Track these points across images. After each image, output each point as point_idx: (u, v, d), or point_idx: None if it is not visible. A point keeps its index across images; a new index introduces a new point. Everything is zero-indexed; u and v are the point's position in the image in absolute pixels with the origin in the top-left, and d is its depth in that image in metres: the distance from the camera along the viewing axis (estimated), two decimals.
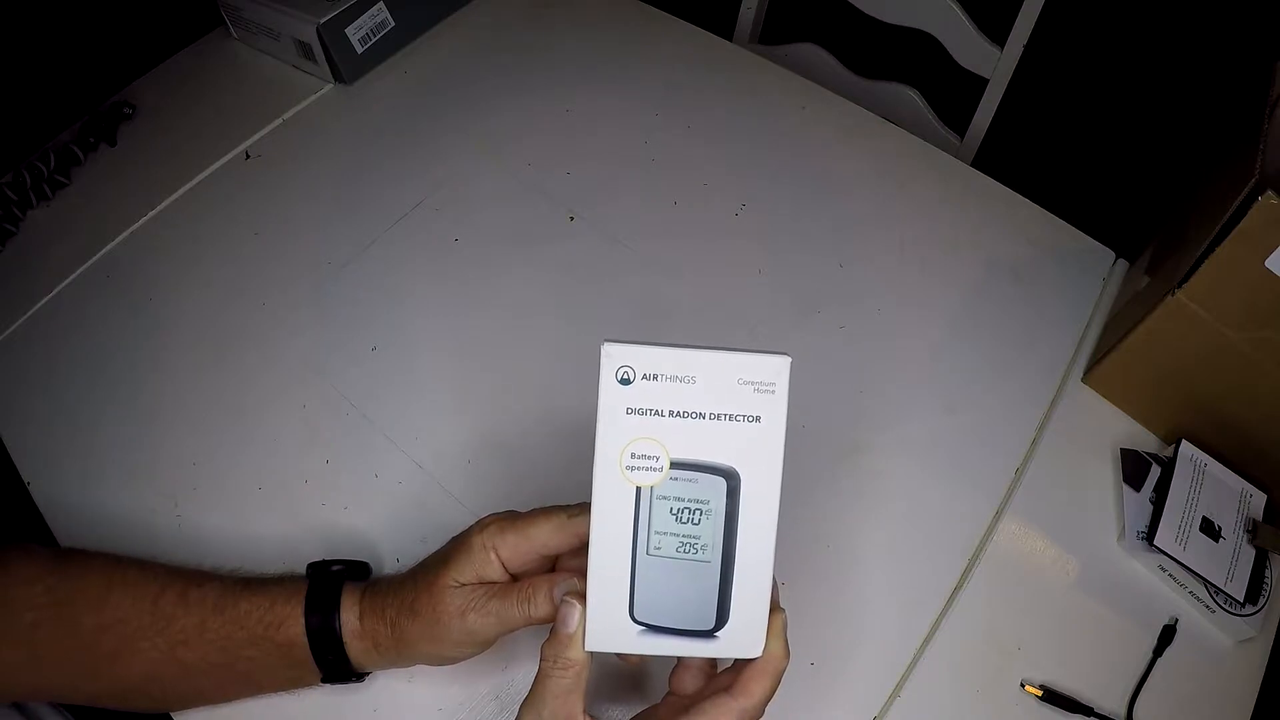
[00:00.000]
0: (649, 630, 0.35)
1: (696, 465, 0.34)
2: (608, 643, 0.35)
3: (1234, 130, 0.53)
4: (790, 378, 0.34)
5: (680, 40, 0.82)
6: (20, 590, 0.42)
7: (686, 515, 0.34)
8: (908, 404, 0.59)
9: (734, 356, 0.34)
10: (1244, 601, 0.50)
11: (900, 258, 0.66)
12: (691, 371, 0.34)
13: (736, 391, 0.34)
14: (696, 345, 0.34)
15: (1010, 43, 0.85)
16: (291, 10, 0.74)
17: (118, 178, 0.72)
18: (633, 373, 0.34)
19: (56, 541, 0.53)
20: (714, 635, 0.35)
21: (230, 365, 0.61)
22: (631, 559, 0.35)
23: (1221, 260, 0.47)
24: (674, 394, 0.34)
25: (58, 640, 0.42)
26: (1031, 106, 1.12)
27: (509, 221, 0.68)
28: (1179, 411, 0.57)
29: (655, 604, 0.35)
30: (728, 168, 0.71)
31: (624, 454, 0.34)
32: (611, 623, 0.35)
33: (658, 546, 0.35)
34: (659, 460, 0.34)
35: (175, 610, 0.42)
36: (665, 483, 0.34)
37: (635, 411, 0.34)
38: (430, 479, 0.55)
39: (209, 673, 0.42)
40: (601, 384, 0.34)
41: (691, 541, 0.35)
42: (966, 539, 0.54)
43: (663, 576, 0.35)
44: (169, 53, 0.81)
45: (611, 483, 0.34)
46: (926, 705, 0.49)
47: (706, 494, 0.34)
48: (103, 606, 0.42)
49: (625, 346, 0.34)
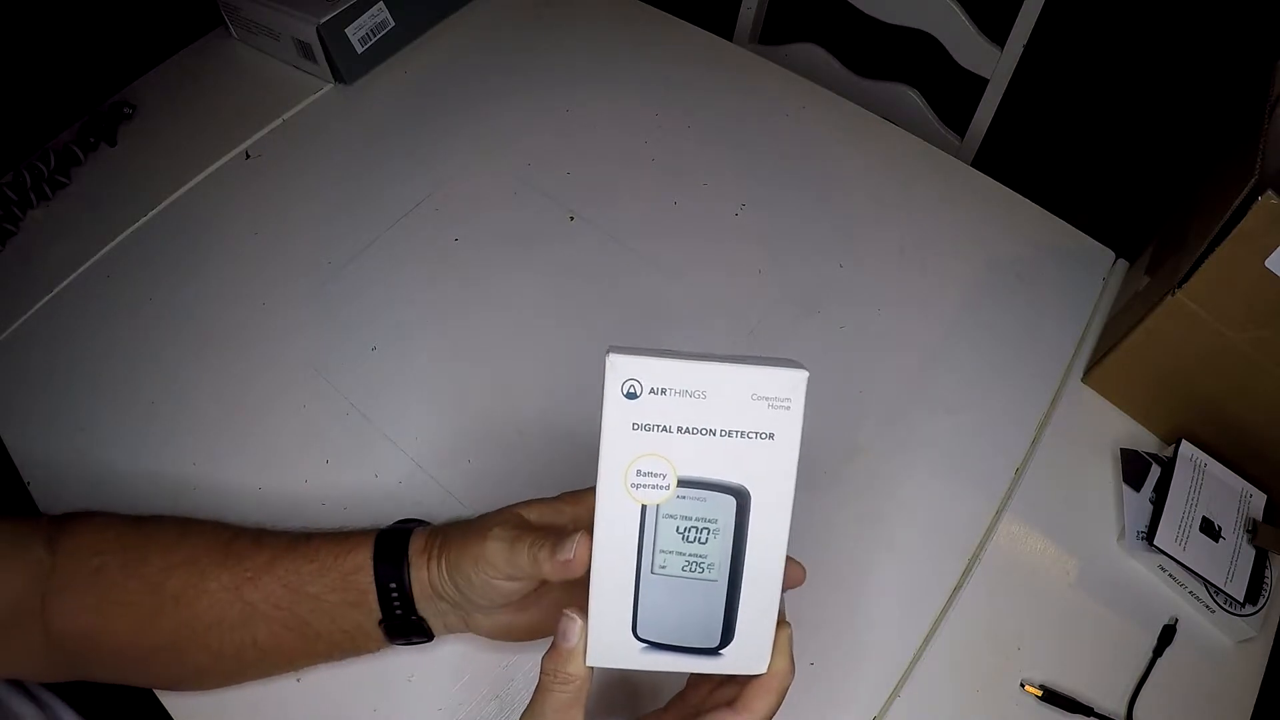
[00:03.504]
0: (652, 647, 0.34)
1: (705, 484, 0.33)
2: (609, 659, 0.34)
3: (1234, 130, 0.53)
4: (807, 392, 0.32)
5: (680, 40, 0.82)
6: (91, 537, 0.44)
7: (694, 535, 0.33)
8: (908, 404, 0.59)
9: (747, 371, 0.32)
10: (1244, 601, 0.50)
11: (900, 258, 0.66)
12: (702, 386, 0.32)
13: (749, 407, 0.32)
14: (707, 356, 0.32)
15: (1010, 43, 0.85)
16: (291, 10, 0.74)
17: (118, 178, 0.72)
18: (639, 386, 0.32)
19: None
20: (719, 653, 0.34)
21: (230, 365, 0.61)
22: (636, 577, 0.33)
23: (1221, 260, 0.47)
24: (683, 409, 0.32)
25: (122, 583, 0.42)
26: (1031, 106, 1.12)
27: (509, 221, 0.68)
28: (1179, 411, 0.57)
29: (659, 622, 0.34)
30: (728, 168, 0.71)
31: (629, 470, 0.32)
32: (614, 639, 0.34)
33: (663, 565, 0.33)
34: (666, 478, 0.33)
35: (247, 549, 0.43)
36: (672, 501, 0.33)
37: (641, 427, 0.32)
38: (430, 479, 0.55)
39: (270, 617, 0.42)
40: (606, 397, 0.32)
41: (698, 561, 0.33)
42: (966, 539, 0.54)
43: (667, 595, 0.33)
44: (169, 53, 0.81)
45: (615, 499, 0.33)
46: (926, 705, 0.49)
47: (715, 513, 0.33)
48: (175, 549, 0.43)
49: (633, 358, 0.32)
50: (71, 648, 0.43)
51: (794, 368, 0.32)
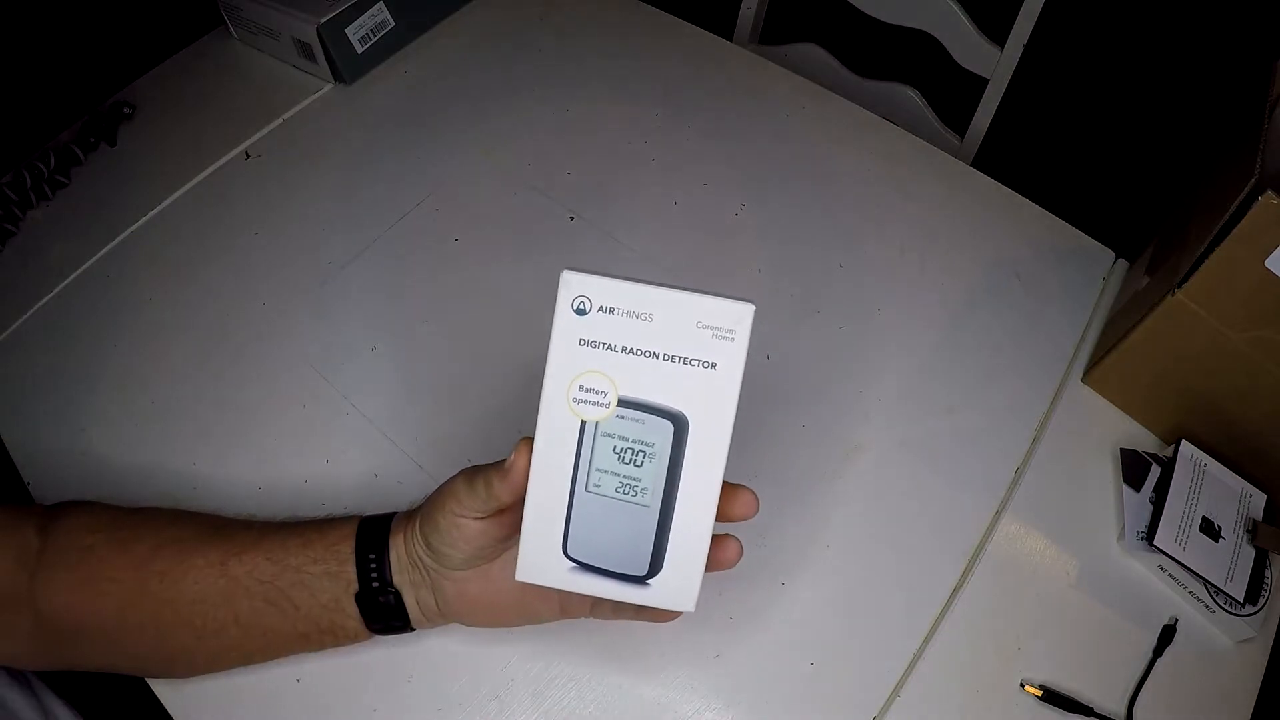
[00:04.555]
0: (581, 568, 0.34)
1: (644, 406, 0.33)
2: (538, 575, 0.35)
3: (1234, 130, 0.53)
4: (753, 327, 0.33)
5: (680, 40, 0.82)
6: (84, 519, 0.45)
7: (629, 456, 0.34)
8: (908, 404, 0.59)
9: (694, 298, 0.33)
10: (1244, 601, 0.50)
11: (900, 258, 0.66)
12: (649, 309, 0.33)
13: (694, 335, 0.33)
14: (659, 282, 0.33)
15: (1010, 43, 0.85)
16: (291, 10, 0.74)
17: (118, 178, 0.72)
18: (589, 303, 0.33)
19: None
20: (646, 582, 0.34)
21: (230, 365, 0.61)
22: (570, 493, 0.34)
23: (1221, 260, 0.47)
24: (629, 330, 0.33)
25: (110, 559, 0.43)
26: (1031, 106, 1.12)
27: (509, 221, 0.68)
28: (1179, 411, 0.57)
29: (589, 542, 0.34)
30: (728, 168, 0.71)
31: (572, 385, 0.33)
32: (544, 555, 0.34)
33: (597, 484, 0.34)
34: (607, 396, 0.33)
35: (236, 529, 0.45)
36: (611, 420, 0.33)
37: (587, 344, 0.33)
38: (430, 479, 0.55)
39: (252, 592, 0.42)
40: (557, 311, 0.33)
41: (632, 483, 0.34)
42: (966, 539, 0.54)
43: (599, 515, 0.34)
44: (169, 53, 0.81)
45: (557, 413, 0.33)
46: (926, 705, 0.49)
47: (652, 436, 0.33)
48: (166, 528, 0.45)
49: (584, 276, 0.33)
50: (59, 628, 0.43)
51: (742, 301, 0.33)
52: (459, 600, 0.42)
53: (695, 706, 0.48)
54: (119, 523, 0.45)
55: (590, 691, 0.48)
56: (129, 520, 0.45)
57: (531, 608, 0.42)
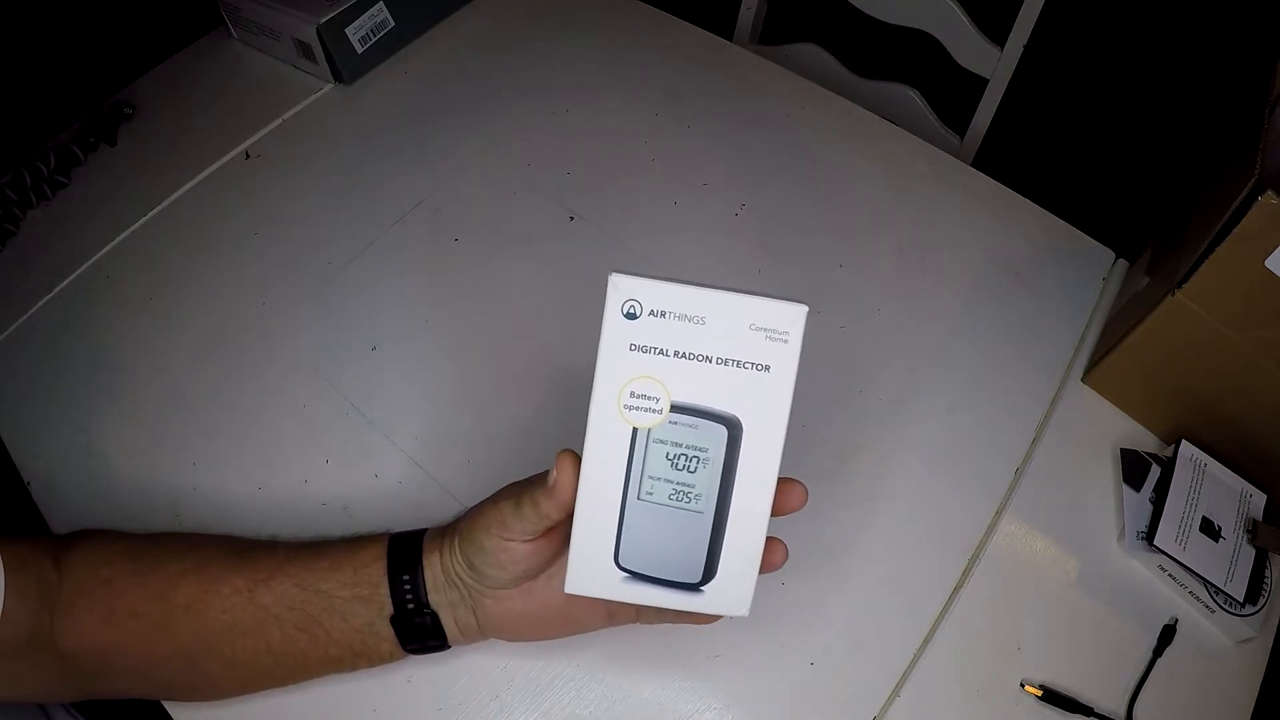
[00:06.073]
0: (633, 578, 0.34)
1: (698, 411, 0.33)
2: (589, 586, 0.34)
3: (1234, 130, 0.53)
4: (806, 328, 0.32)
5: (680, 40, 0.82)
6: (99, 551, 0.43)
7: (683, 462, 0.33)
8: (907, 404, 0.59)
9: (747, 300, 0.32)
10: (1244, 601, 0.50)
11: (900, 258, 0.66)
12: (701, 311, 0.32)
13: (747, 337, 0.32)
14: (710, 284, 0.32)
15: (1010, 43, 0.85)
16: (291, 10, 0.74)
17: (118, 178, 0.72)
18: (639, 307, 0.32)
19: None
20: (700, 589, 0.34)
21: (230, 365, 0.61)
22: (621, 503, 0.33)
23: (1221, 260, 0.47)
24: (681, 333, 0.32)
25: (131, 592, 0.42)
26: (1031, 106, 1.12)
27: (509, 221, 0.68)
28: (1179, 411, 0.57)
29: (642, 551, 0.34)
30: (728, 168, 0.71)
31: (623, 392, 0.32)
32: (595, 567, 0.34)
33: (649, 492, 0.33)
34: (659, 402, 0.33)
35: (259, 553, 0.43)
36: (664, 426, 0.33)
37: (639, 349, 0.32)
38: (430, 479, 0.55)
39: (283, 619, 0.41)
40: (606, 316, 0.32)
41: (685, 490, 0.33)
42: (966, 539, 0.54)
43: (652, 524, 0.33)
44: (169, 53, 0.81)
45: (608, 421, 0.33)
46: (926, 705, 0.49)
47: (706, 442, 0.33)
48: (185, 556, 0.43)
49: (634, 279, 0.32)
50: (83, 664, 0.42)
51: (795, 302, 0.32)
52: (501, 618, 0.42)
53: (695, 706, 0.48)
54: (134, 552, 0.44)
55: (590, 691, 0.48)
56: (145, 549, 0.44)
57: (578, 619, 0.42)
